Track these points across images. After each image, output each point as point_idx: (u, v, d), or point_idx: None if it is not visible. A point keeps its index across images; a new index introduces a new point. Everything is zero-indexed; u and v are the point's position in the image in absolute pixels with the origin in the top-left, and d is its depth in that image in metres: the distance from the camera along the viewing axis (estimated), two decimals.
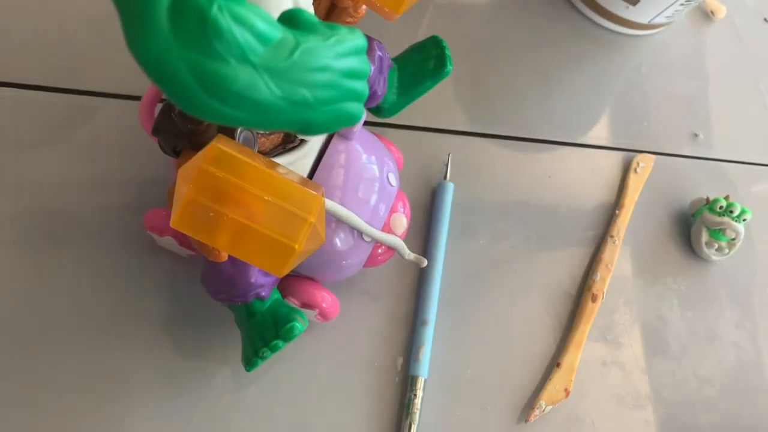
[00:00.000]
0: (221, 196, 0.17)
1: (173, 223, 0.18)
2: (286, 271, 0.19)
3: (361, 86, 0.17)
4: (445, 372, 0.32)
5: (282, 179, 0.19)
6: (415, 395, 0.31)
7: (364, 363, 0.32)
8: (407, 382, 0.31)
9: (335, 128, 0.17)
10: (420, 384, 0.31)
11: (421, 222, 0.36)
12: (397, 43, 0.32)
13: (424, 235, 0.35)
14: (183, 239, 0.28)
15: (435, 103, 0.39)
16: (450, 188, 0.36)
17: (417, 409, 0.30)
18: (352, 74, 0.17)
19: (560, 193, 0.39)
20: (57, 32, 0.35)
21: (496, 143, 0.40)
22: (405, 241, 0.29)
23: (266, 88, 0.14)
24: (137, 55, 0.13)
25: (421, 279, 0.34)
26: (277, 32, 0.14)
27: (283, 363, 0.31)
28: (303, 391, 0.31)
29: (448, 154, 0.37)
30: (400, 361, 0.32)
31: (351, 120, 0.18)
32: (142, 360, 0.29)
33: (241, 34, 0.13)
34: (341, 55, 0.16)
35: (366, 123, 0.37)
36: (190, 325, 0.30)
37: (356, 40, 0.17)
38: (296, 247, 0.18)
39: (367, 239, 0.28)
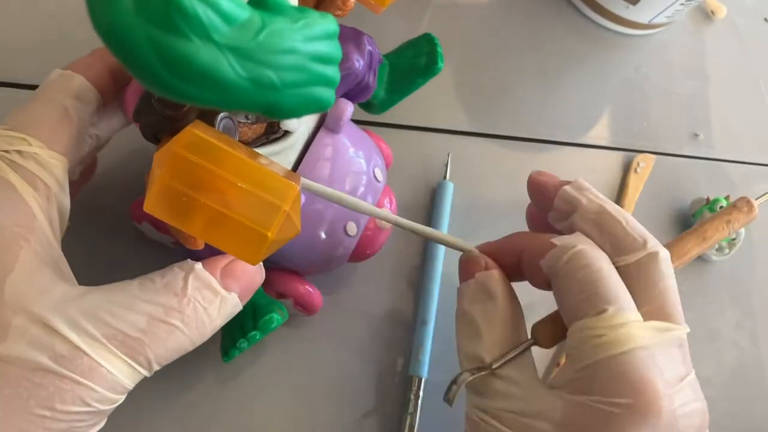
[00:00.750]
0: (195, 182, 0.17)
1: (147, 207, 0.17)
2: (259, 260, 0.18)
3: (332, 71, 0.17)
4: (445, 372, 0.32)
5: (257, 167, 0.18)
6: (415, 395, 0.31)
7: (363, 363, 0.32)
8: (407, 383, 0.31)
9: (304, 113, 0.17)
10: (420, 384, 0.31)
11: (422, 222, 0.35)
12: (397, 43, 0.32)
13: None
14: (160, 225, 0.28)
15: (435, 103, 0.39)
16: (450, 188, 0.36)
17: (417, 409, 0.30)
18: (321, 59, 0.16)
19: None
20: (57, 32, 0.35)
21: (496, 143, 0.40)
22: (405, 241, 0.29)
23: (230, 68, 0.14)
24: (99, 28, 0.13)
25: (421, 279, 0.34)
26: (243, 12, 0.14)
27: (283, 362, 0.31)
28: (303, 392, 0.30)
29: (448, 154, 0.37)
30: (400, 361, 0.32)
31: (321, 105, 0.17)
32: None
33: (204, 12, 0.13)
34: (310, 39, 0.16)
35: (366, 122, 0.37)
36: None
37: (326, 24, 0.16)
38: (269, 235, 0.18)
39: (351, 233, 0.27)
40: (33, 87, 0.33)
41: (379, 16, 0.33)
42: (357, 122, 0.33)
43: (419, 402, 0.30)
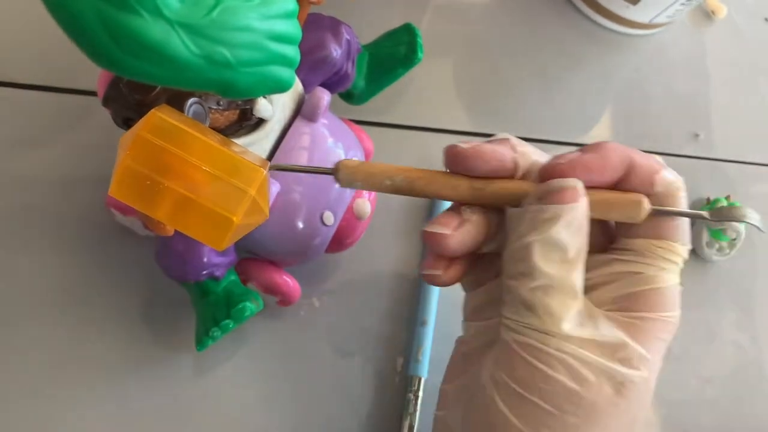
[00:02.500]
0: (159, 165, 0.17)
1: (112, 191, 0.17)
2: (225, 245, 0.18)
3: (291, 51, 0.17)
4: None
5: (223, 151, 0.18)
6: (415, 395, 0.30)
7: (363, 363, 0.31)
8: (407, 383, 0.31)
9: (262, 92, 0.17)
10: (420, 384, 0.31)
11: (422, 222, 0.36)
12: None
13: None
14: (126, 208, 0.27)
15: (435, 103, 0.39)
16: None
17: (417, 409, 0.30)
18: (279, 37, 0.16)
19: None
20: (57, 32, 0.35)
21: None
22: (405, 240, 0.29)
23: (182, 45, 0.13)
24: (47, 3, 0.13)
25: (421, 279, 0.34)
26: None
27: (283, 364, 0.31)
28: (302, 392, 0.30)
29: None
30: (400, 361, 0.32)
31: (279, 85, 0.17)
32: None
33: None
34: (266, 17, 0.15)
35: (365, 122, 0.37)
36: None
37: (284, 3, 0.16)
38: (234, 219, 0.17)
39: (328, 222, 0.27)
40: (33, 87, 0.33)
41: (379, 17, 0.32)
42: (356, 122, 0.33)
43: (419, 402, 0.30)
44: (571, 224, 0.19)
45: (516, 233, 0.21)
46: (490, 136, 0.41)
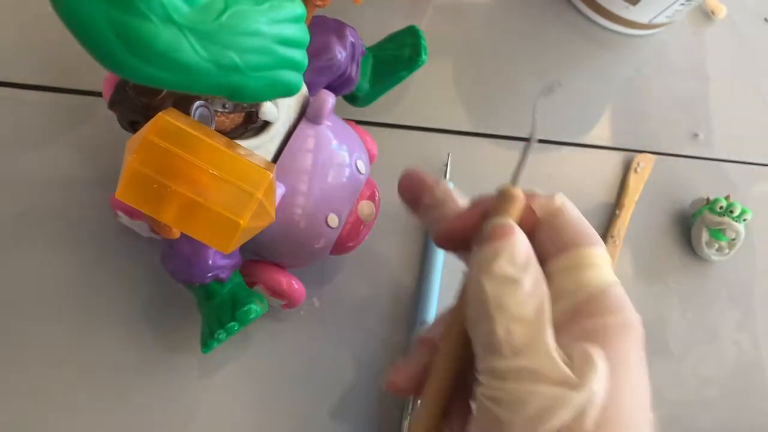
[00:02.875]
0: (166, 168, 0.17)
1: (119, 194, 0.17)
2: (232, 248, 0.18)
3: (299, 55, 0.17)
4: None
5: (230, 154, 0.18)
6: (415, 396, 0.30)
7: (362, 363, 0.31)
8: None
9: (271, 96, 0.17)
10: None
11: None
12: None
13: (423, 235, 0.35)
14: (134, 211, 0.27)
15: (435, 103, 0.39)
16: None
17: (417, 409, 0.30)
18: (287, 42, 0.16)
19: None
20: (57, 32, 0.35)
21: (496, 143, 0.39)
22: (405, 240, 0.29)
23: (191, 50, 0.13)
24: (58, 9, 0.13)
25: (421, 279, 0.34)
26: None
27: (283, 363, 0.30)
28: (302, 392, 0.30)
29: (448, 154, 0.37)
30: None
31: (287, 89, 0.17)
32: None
33: None
34: (275, 22, 0.15)
35: (366, 122, 0.37)
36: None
37: (293, 8, 0.16)
38: (241, 222, 0.17)
39: (333, 225, 0.27)
40: (33, 87, 0.33)
41: (380, 18, 0.32)
42: (357, 122, 0.33)
43: (419, 402, 0.30)
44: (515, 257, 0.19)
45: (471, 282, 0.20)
46: (490, 136, 0.41)
